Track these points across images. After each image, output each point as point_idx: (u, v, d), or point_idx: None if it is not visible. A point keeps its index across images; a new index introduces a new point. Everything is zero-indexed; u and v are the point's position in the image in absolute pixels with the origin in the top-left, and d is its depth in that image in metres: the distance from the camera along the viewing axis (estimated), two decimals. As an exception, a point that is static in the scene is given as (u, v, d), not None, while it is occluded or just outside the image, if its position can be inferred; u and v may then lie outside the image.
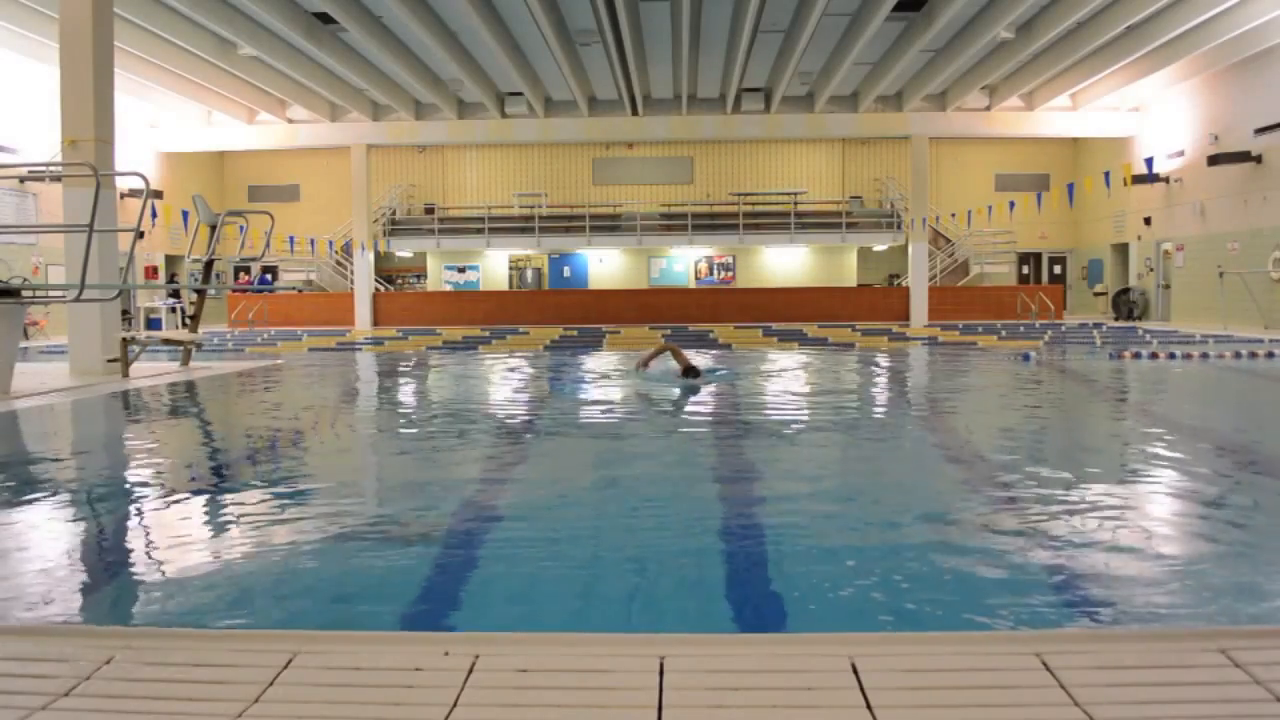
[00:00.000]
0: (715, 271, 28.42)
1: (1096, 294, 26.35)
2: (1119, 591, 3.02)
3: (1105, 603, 2.92)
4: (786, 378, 11.04)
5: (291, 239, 24.22)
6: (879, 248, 27.40)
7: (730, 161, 28.21)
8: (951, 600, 2.97)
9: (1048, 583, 3.13)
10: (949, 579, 3.18)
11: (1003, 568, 3.30)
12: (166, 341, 11.91)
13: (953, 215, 26.49)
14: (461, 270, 28.69)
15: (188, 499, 4.62)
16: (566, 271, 28.70)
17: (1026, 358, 13.22)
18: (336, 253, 27.67)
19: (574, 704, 1.90)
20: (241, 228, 16.41)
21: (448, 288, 28.26)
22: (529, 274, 28.78)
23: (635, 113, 23.58)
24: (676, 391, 9.07)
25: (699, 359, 11.38)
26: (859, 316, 24.05)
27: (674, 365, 9.92)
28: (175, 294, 23.26)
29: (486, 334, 21.67)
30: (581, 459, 5.93)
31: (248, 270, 27.91)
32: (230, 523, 4.14)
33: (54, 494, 4.69)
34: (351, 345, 20.37)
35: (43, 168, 14.02)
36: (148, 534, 4.04)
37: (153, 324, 22.37)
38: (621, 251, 28.11)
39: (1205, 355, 12.73)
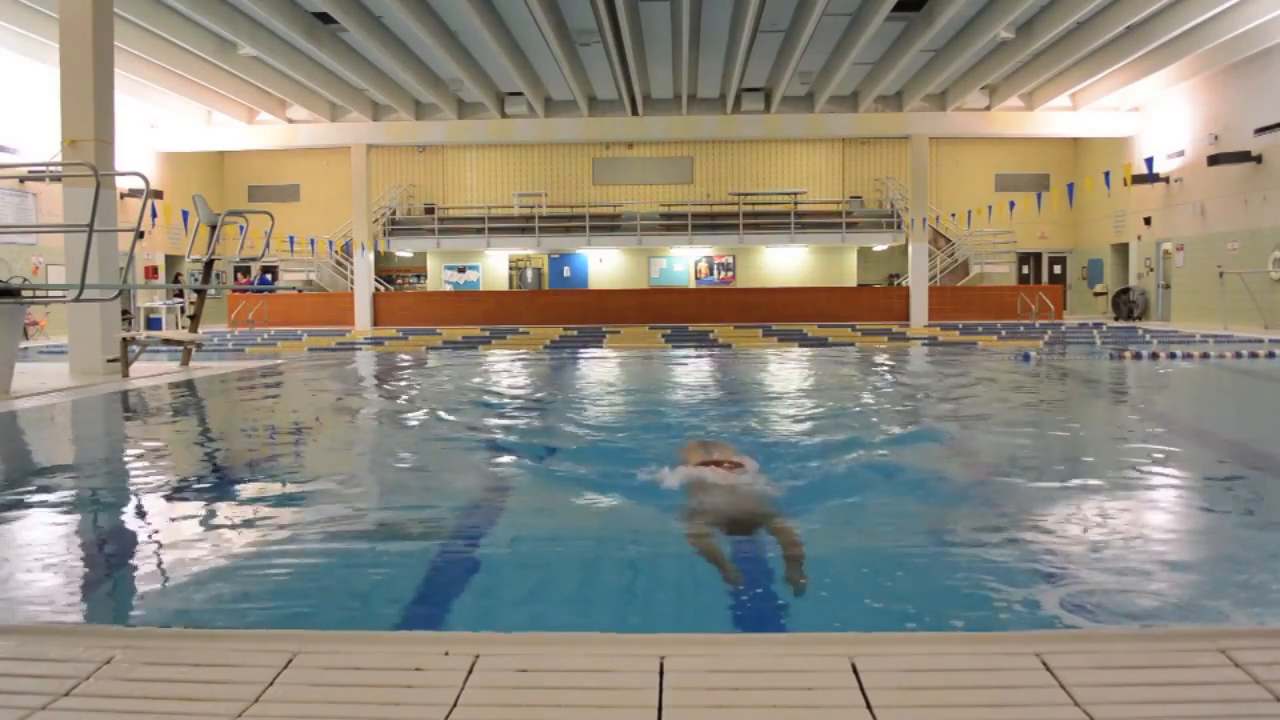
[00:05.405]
0: (715, 271, 28.42)
1: (1096, 294, 26.35)
2: (1119, 591, 3.02)
3: (1106, 602, 2.92)
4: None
5: (291, 239, 24.22)
6: (879, 248, 27.40)
7: (730, 161, 28.20)
8: (953, 600, 2.97)
9: (1048, 583, 3.13)
10: (951, 578, 3.18)
11: (1004, 567, 3.30)
12: (166, 341, 11.91)
13: (953, 215, 26.50)
14: (461, 270, 28.69)
15: (188, 499, 4.61)
16: (566, 271, 28.70)
17: (1026, 358, 13.22)
18: (336, 253, 27.68)
19: (574, 704, 1.90)
20: (241, 228, 16.41)
21: (448, 288, 28.26)
22: (529, 274, 28.77)
23: (635, 113, 23.58)
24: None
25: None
26: (859, 316, 24.04)
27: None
28: (179, 294, 23.26)
29: (486, 334, 21.67)
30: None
31: (248, 270, 27.92)
32: (230, 523, 4.13)
33: (54, 494, 4.69)
34: (351, 345, 20.37)
35: (43, 168, 14.03)
36: (148, 534, 4.04)
37: (153, 324, 22.37)
38: (621, 251, 28.11)
39: (1205, 355, 12.72)
